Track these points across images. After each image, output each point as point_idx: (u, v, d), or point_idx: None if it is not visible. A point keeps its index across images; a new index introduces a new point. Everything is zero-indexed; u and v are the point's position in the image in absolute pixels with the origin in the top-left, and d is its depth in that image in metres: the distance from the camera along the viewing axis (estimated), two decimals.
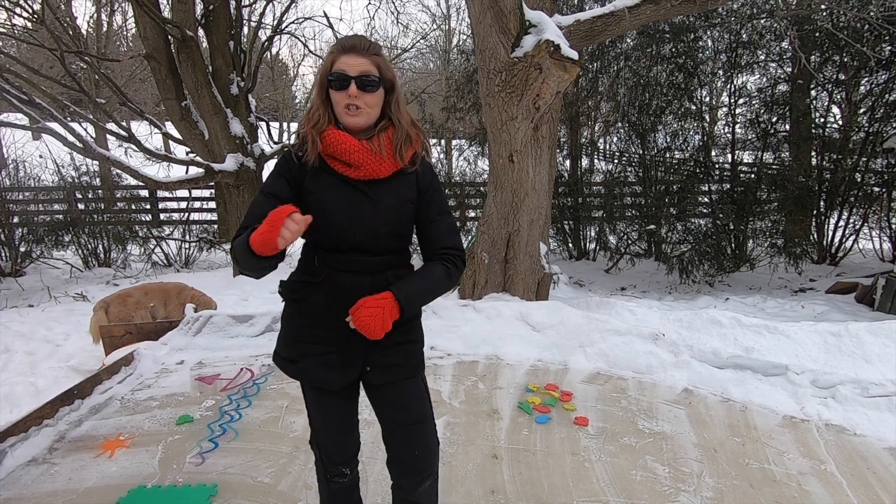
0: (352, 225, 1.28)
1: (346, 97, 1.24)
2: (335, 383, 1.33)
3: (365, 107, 1.26)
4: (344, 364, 1.32)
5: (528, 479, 2.13)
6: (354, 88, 1.23)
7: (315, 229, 1.28)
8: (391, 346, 1.33)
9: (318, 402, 1.40)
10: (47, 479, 2.11)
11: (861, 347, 3.11)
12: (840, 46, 6.57)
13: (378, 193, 1.29)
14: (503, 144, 4.20)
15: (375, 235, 1.29)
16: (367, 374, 1.35)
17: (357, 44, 1.26)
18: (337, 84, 1.24)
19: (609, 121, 8.43)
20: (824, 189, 7.24)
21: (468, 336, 3.52)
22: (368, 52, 1.26)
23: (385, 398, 1.40)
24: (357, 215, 1.28)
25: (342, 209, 1.28)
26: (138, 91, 12.69)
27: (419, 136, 1.35)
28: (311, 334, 1.33)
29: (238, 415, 2.64)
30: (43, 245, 7.43)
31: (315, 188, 1.29)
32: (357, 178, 1.28)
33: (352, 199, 1.28)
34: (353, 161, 1.26)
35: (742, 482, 2.12)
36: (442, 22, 14.68)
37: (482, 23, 3.92)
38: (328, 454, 1.44)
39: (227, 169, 5.94)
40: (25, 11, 6.02)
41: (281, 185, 1.31)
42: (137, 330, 3.71)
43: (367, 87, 1.25)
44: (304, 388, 1.41)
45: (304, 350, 1.34)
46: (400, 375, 1.38)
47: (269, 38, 7.68)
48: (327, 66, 1.27)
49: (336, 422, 1.41)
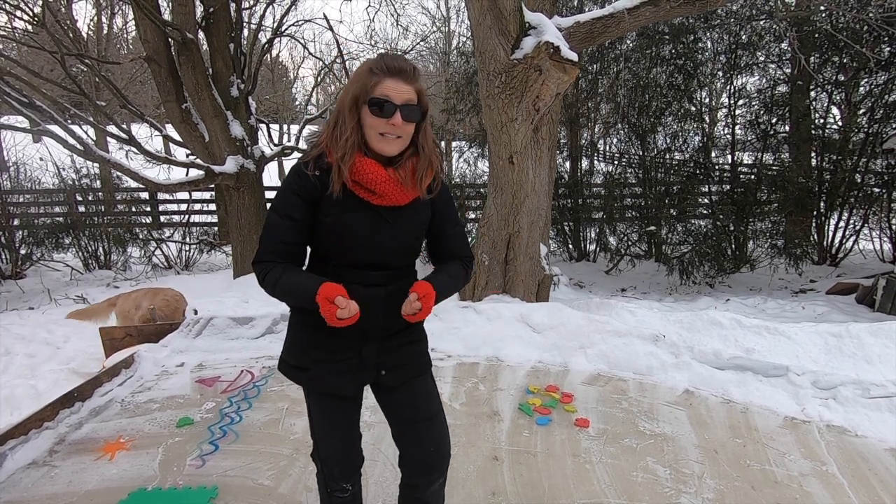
0: (370, 247, 1.28)
1: (387, 125, 1.19)
2: (349, 389, 1.34)
3: (404, 135, 1.23)
4: (358, 369, 1.34)
5: (528, 480, 2.12)
6: (400, 118, 1.19)
7: (331, 248, 1.29)
8: (401, 346, 1.38)
9: (324, 410, 1.38)
10: (47, 481, 2.11)
11: (862, 348, 3.11)
12: (839, 47, 6.58)
13: (397, 219, 1.30)
14: (503, 146, 4.20)
15: (391, 255, 1.32)
16: (382, 378, 1.37)
17: (405, 68, 1.21)
18: (380, 111, 1.18)
19: (609, 122, 8.44)
20: (824, 190, 7.24)
21: (469, 338, 3.52)
22: (414, 80, 1.22)
23: (398, 399, 1.41)
24: (375, 238, 1.28)
25: (361, 233, 1.27)
26: (138, 93, 12.71)
27: (438, 161, 1.33)
28: (324, 343, 1.32)
29: (238, 417, 2.64)
30: (43, 247, 7.43)
31: (334, 210, 1.25)
32: (378, 204, 1.27)
33: (372, 224, 1.27)
34: (379, 191, 1.24)
35: (743, 483, 2.12)
36: (442, 24, 14.72)
37: (482, 25, 3.92)
38: (331, 469, 1.42)
39: (228, 171, 5.94)
40: (26, 14, 6.02)
41: (295, 204, 1.26)
42: (138, 332, 3.71)
43: (411, 117, 1.21)
44: (310, 397, 1.39)
45: (315, 358, 1.33)
46: (412, 374, 1.41)
47: (270, 41, 7.67)
48: (368, 87, 1.19)
49: (341, 430, 1.40)
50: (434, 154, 1.31)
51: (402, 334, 1.38)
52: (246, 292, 5.93)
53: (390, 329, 1.35)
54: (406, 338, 1.39)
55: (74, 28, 9.60)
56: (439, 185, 1.37)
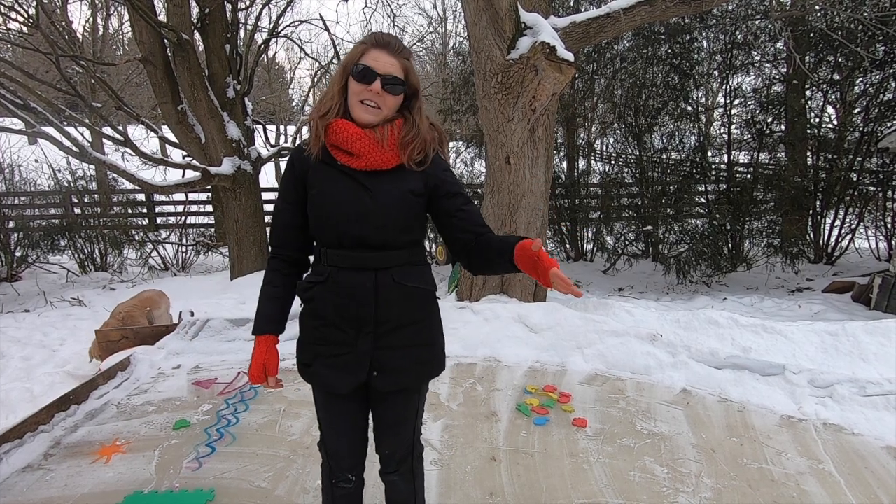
0: (351, 218, 1.24)
1: (367, 91, 1.22)
2: (342, 387, 1.31)
3: (384, 107, 1.24)
4: (352, 366, 1.30)
5: (526, 481, 2.12)
6: (379, 85, 1.21)
7: (316, 225, 1.28)
8: (403, 347, 1.32)
9: (326, 405, 1.39)
10: (43, 485, 2.10)
11: (858, 347, 3.12)
12: (834, 47, 6.61)
13: (378, 185, 1.26)
14: (500, 146, 4.20)
15: (376, 228, 1.25)
16: (373, 380, 1.31)
17: (391, 42, 1.24)
18: (361, 76, 1.22)
19: (605, 122, 8.45)
20: (820, 189, 7.27)
21: (466, 338, 3.52)
22: (400, 54, 1.25)
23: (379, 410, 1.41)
24: (356, 208, 1.24)
25: (341, 202, 1.25)
26: (134, 95, 12.68)
27: (432, 140, 1.31)
28: (322, 336, 1.31)
29: (235, 419, 2.63)
30: (39, 250, 7.40)
31: (316, 182, 1.28)
32: (359, 168, 1.25)
33: (351, 192, 1.25)
34: (355, 150, 1.24)
35: (740, 482, 2.12)
36: (438, 24, 14.72)
37: (478, 25, 3.92)
38: (335, 459, 1.42)
39: (224, 172, 5.93)
40: (20, 15, 5.99)
41: (290, 185, 1.32)
42: (134, 334, 3.69)
43: (391, 89, 1.23)
44: (315, 391, 1.40)
45: (315, 352, 1.33)
46: (405, 384, 1.35)
47: (266, 42, 7.65)
48: (355, 55, 1.25)
49: (343, 427, 1.40)
50: (428, 132, 1.30)
51: (404, 332, 1.31)
52: (243, 294, 5.91)
53: (385, 321, 1.28)
54: (409, 338, 1.32)
55: (70, 29, 9.55)
56: (430, 161, 1.31)
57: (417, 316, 1.34)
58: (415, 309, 1.34)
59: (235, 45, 6.32)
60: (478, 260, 1.32)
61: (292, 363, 3.61)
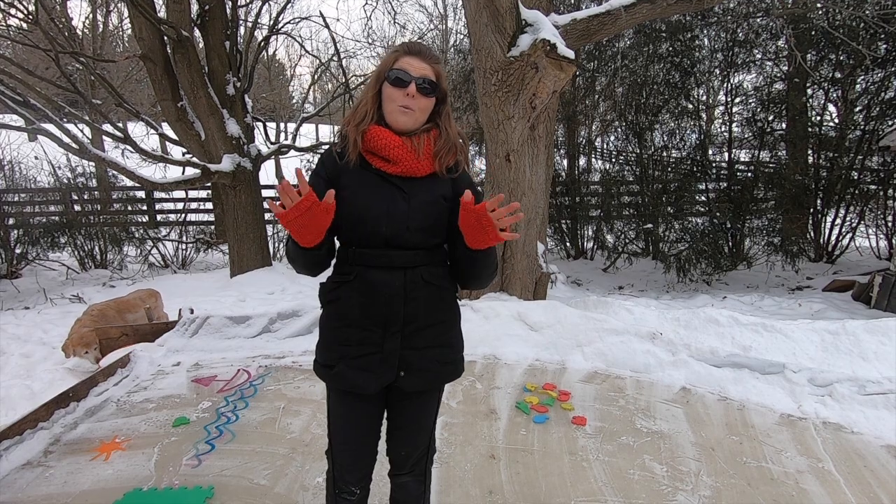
0: (383, 218, 1.27)
1: (403, 96, 1.27)
2: (370, 386, 1.30)
3: (417, 109, 1.29)
4: (379, 366, 1.30)
5: (525, 479, 2.12)
6: (414, 88, 1.26)
7: (346, 224, 1.29)
8: (427, 347, 1.34)
9: (343, 409, 1.38)
10: (42, 482, 2.10)
11: (858, 345, 3.12)
12: (836, 45, 6.59)
13: (413, 189, 1.30)
14: (500, 144, 4.19)
15: (407, 230, 1.28)
16: (400, 380, 1.32)
17: (423, 50, 1.32)
18: (396, 81, 1.27)
19: (606, 120, 8.44)
20: (821, 187, 7.26)
21: (466, 336, 3.48)
22: (431, 60, 1.31)
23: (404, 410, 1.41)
24: (389, 209, 1.28)
25: (375, 203, 1.28)
26: (134, 92, 12.66)
27: (463, 149, 1.37)
28: (346, 337, 1.31)
29: (235, 416, 2.63)
30: (39, 247, 7.39)
31: (350, 183, 1.30)
32: (394, 173, 1.30)
33: (386, 193, 1.29)
34: (392, 157, 1.28)
35: (740, 481, 2.12)
36: (439, 22, 14.69)
37: (478, 22, 3.91)
38: (341, 470, 1.41)
39: (224, 169, 5.92)
40: (20, 12, 5.98)
41: (317, 183, 1.32)
42: (134, 331, 3.69)
43: (425, 91, 1.29)
44: (332, 393, 1.39)
45: (340, 353, 1.32)
46: (431, 384, 1.38)
47: (266, 39, 7.64)
48: (389, 62, 1.30)
49: (358, 431, 1.39)
50: (457, 140, 1.36)
51: (430, 332, 1.34)
52: (242, 291, 5.92)
53: (413, 320, 1.30)
54: (434, 338, 1.35)
55: (69, 26, 9.54)
56: (461, 169, 1.38)
57: (442, 316, 1.37)
58: (440, 309, 1.36)
59: (235, 41, 6.31)
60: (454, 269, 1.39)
61: (291, 360, 3.59)
